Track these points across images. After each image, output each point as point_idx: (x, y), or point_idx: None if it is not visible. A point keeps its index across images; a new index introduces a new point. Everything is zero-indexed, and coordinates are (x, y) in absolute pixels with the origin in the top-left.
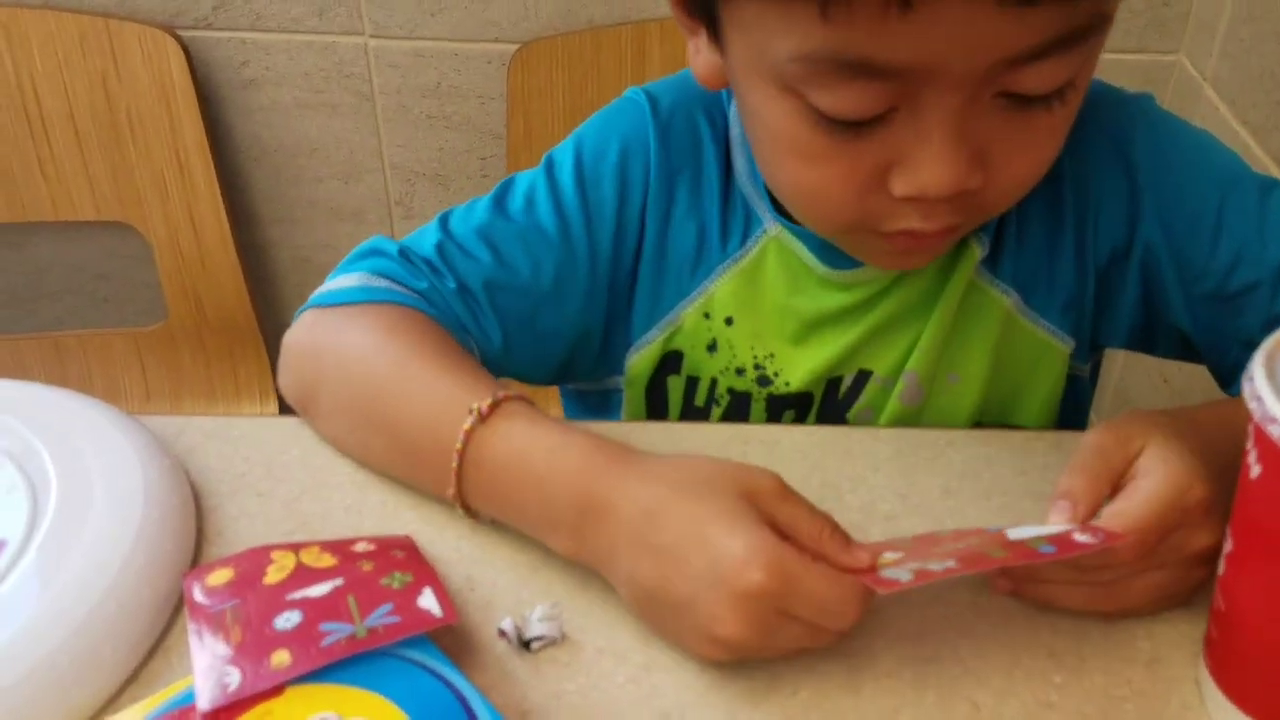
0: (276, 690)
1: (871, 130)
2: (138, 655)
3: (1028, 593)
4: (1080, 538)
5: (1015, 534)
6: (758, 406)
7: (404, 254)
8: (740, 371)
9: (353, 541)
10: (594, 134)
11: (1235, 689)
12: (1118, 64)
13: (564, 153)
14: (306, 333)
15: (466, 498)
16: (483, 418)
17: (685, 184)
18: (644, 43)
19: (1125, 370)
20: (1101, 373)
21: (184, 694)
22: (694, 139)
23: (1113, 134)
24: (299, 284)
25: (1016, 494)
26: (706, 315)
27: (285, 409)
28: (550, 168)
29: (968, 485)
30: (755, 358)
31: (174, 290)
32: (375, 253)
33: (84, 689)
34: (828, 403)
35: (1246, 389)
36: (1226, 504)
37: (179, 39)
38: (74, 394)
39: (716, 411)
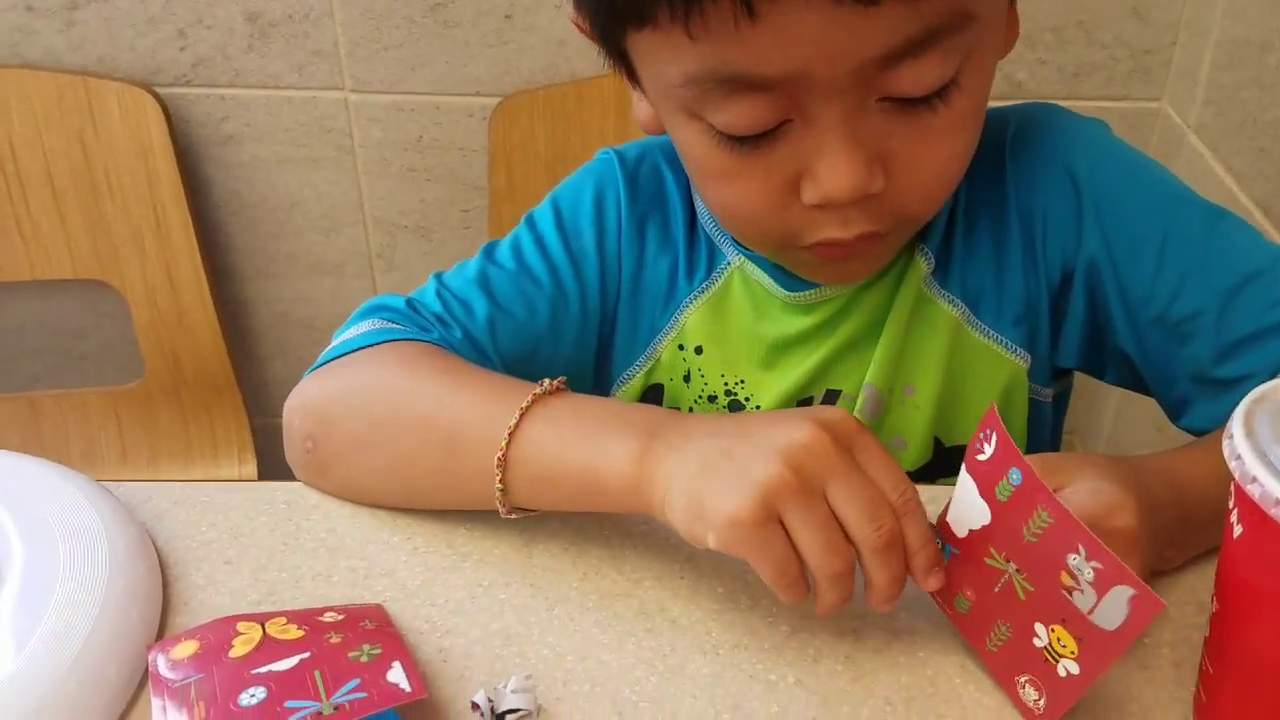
0: None
1: (773, 144)
2: None
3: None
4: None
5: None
6: None
7: (411, 306)
8: (713, 398)
9: (321, 611)
10: (569, 189)
11: None
12: (1101, 111)
13: (543, 209)
14: (314, 385)
15: (511, 466)
16: (552, 390)
17: (654, 226)
18: (625, 94)
19: (1117, 420)
20: (1095, 420)
21: None
22: (659, 185)
23: (1059, 152)
24: (279, 339)
25: None
26: (680, 347)
27: (265, 468)
28: (532, 223)
29: None
30: (726, 384)
31: (151, 347)
32: (383, 307)
33: None
34: None
35: (1226, 448)
36: (1155, 550)
37: (157, 96)
38: (40, 461)
39: None
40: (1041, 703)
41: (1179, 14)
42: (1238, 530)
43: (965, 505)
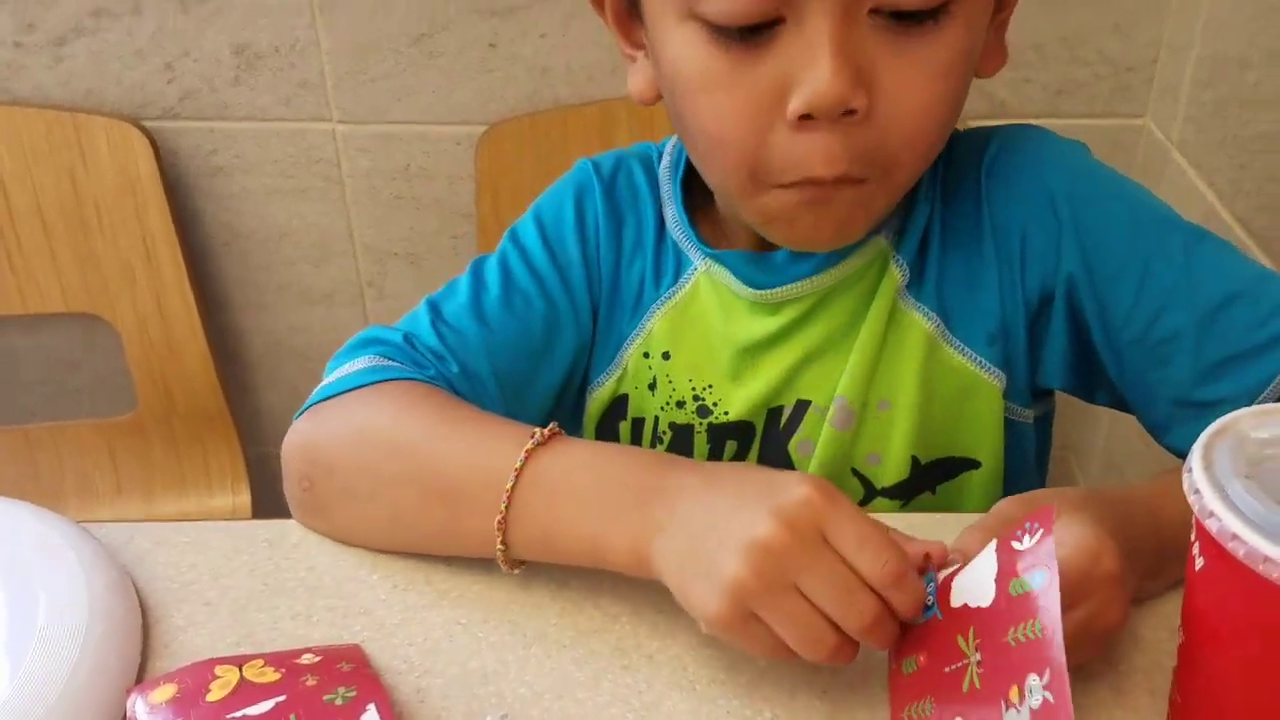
0: None
1: (763, 46)
2: None
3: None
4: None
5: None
6: (700, 439)
7: (408, 340)
8: (680, 404)
9: (298, 653)
10: (549, 200)
11: None
12: (1085, 128)
13: (525, 223)
14: (311, 425)
15: (512, 527)
16: (544, 440)
17: (629, 230)
18: (610, 122)
19: (1110, 437)
20: (1088, 438)
21: None
22: (633, 191)
23: (1039, 173)
24: (271, 368)
25: None
26: (646, 355)
27: (259, 499)
28: (515, 238)
29: None
30: (694, 389)
31: (143, 379)
32: (377, 341)
33: None
34: (769, 433)
35: (1185, 482)
36: (1135, 584)
37: (145, 130)
38: (21, 504)
39: (660, 449)
40: None
41: (1160, 31)
42: (1199, 563)
43: (974, 580)
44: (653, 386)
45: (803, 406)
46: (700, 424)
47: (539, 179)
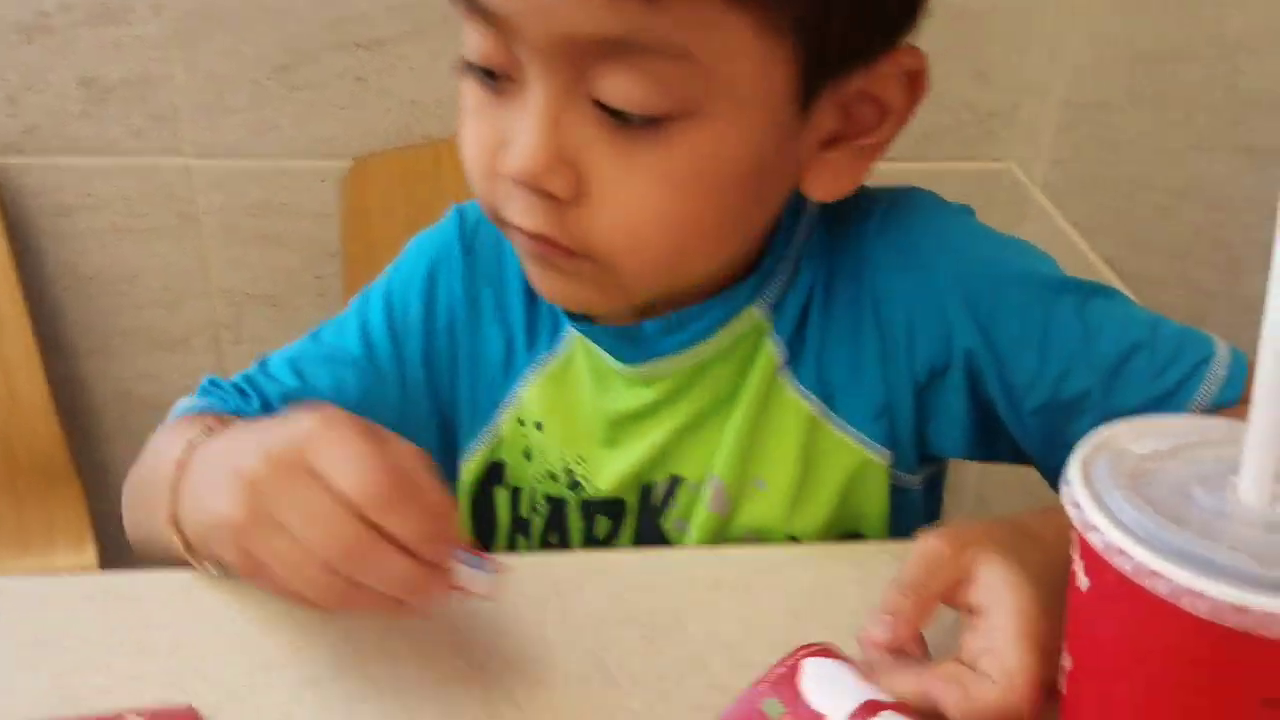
0: None
1: (504, 94)
2: None
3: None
4: None
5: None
6: (573, 514)
7: (214, 384)
8: (554, 477)
9: (121, 717)
10: (407, 259)
11: None
12: (951, 171)
13: (378, 285)
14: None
15: (181, 520)
16: (209, 430)
17: (490, 292)
18: None
19: (982, 477)
20: (960, 477)
21: None
22: (498, 249)
23: (923, 242)
24: (119, 417)
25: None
26: (521, 422)
27: (106, 556)
28: (364, 300)
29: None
30: (565, 461)
31: None
32: (212, 383)
33: None
34: (643, 509)
35: (1064, 493)
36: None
37: None
38: None
39: (538, 521)
40: None
41: (1020, 77)
42: (1084, 582)
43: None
44: (528, 455)
45: (676, 482)
46: (573, 498)
47: (410, 214)
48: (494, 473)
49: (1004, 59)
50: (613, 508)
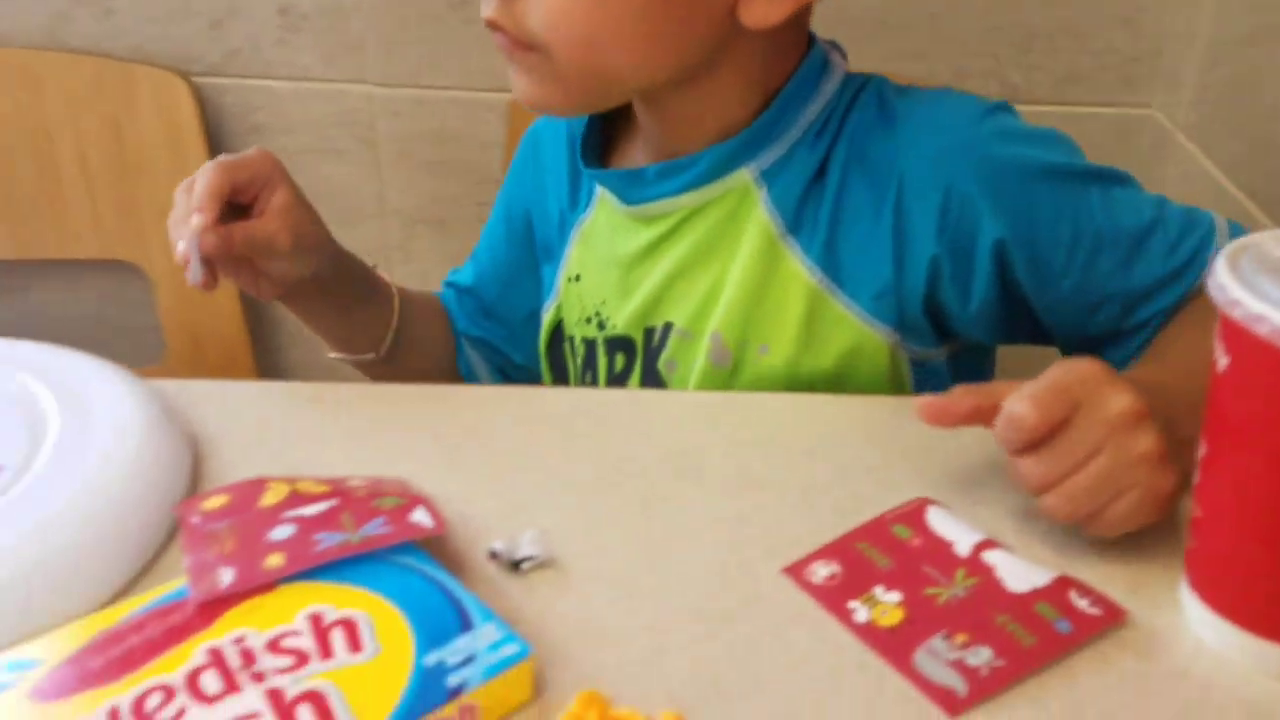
0: (268, 587)
1: None
2: (132, 569)
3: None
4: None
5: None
6: (600, 351)
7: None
8: (588, 320)
9: (347, 479)
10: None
11: (1214, 594)
12: (1093, 116)
13: None
14: None
15: None
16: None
17: (548, 162)
18: None
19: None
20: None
21: (175, 591)
22: (555, 136)
23: (953, 134)
24: (296, 324)
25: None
26: (569, 279)
27: None
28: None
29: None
30: (595, 304)
31: (173, 330)
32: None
33: (74, 598)
34: (646, 349)
35: (1210, 283)
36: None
37: (191, 84)
38: (73, 351)
39: (576, 362)
40: None
41: (1165, 24)
42: (1223, 362)
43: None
44: (574, 307)
45: (668, 328)
46: (600, 337)
47: None
48: (558, 332)
49: (1149, 6)
50: (625, 345)
